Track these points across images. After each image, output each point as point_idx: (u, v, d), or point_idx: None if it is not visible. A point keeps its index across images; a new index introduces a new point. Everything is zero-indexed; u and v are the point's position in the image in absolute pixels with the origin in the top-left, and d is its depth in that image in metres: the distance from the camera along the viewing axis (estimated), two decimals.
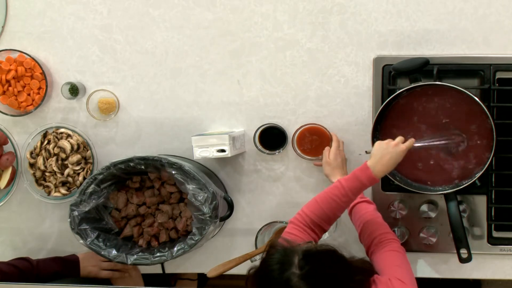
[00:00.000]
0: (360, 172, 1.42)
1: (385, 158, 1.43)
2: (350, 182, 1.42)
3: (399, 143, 1.45)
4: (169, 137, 1.77)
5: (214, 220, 1.54)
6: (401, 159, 1.45)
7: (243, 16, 1.71)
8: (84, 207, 1.59)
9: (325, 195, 1.43)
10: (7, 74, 1.74)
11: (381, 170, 1.42)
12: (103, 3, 1.75)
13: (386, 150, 1.44)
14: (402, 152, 1.45)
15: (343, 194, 1.41)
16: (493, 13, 1.61)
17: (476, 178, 1.55)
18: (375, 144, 1.47)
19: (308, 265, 1.19)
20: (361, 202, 1.55)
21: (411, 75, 1.55)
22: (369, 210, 1.53)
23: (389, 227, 1.48)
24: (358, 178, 1.42)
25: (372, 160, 1.43)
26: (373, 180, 1.42)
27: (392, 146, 1.44)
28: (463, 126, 1.56)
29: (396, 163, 1.44)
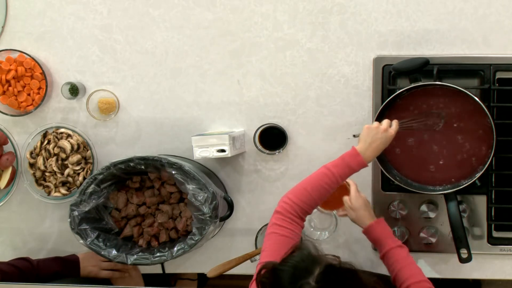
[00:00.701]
0: (350, 158, 1.41)
1: (375, 144, 1.43)
2: (340, 169, 1.41)
3: (388, 128, 1.45)
4: (169, 137, 1.77)
5: (214, 220, 1.54)
6: (389, 143, 1.46)
7: (243, 16, 1.71)
8: (84, 207, 1.59)
9: (315, 182, 1.40)
10: (7, 74, 1.74)
11: (371, 155, 1.43)
12: (103, 3, 1.75)
13: (376, 136, 1.43)
14: (392, 136, 1.45)
15: (333, 181, 1.40)
16: (493, 13, 1.61)
17: (476, 178, 1.55)
18: (364, 129, 1.46)
19: (325, 281, 1.12)
20: (394, 248, 1.46)
21: (411, 75, 1.55)
22: (402, 255, 1.46)
23: (423, 273, 1.44)
24: (348, 164, 1.41)
25: (362, 146, 1.43)
26: (363, 165, 1.42)
27: (381, 131, 1.44)
28: (463, 126, 1.56)
29: (384, 148, 1.45)
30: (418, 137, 1.59)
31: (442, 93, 1.56)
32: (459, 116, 1.56)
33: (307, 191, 1.39)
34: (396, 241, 1.47)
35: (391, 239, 1.47)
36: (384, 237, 1.47)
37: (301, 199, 1.38)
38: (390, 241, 1.46)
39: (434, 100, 1.57)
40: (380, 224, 1.49)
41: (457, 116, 1.56)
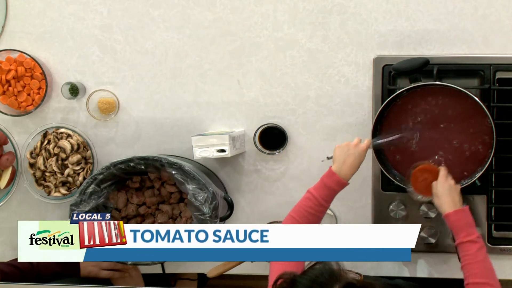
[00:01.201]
0: (327, 179, 1.43)
1: (349, 160, 1.44)
2: (320, 190, 1.43)
3: (358, 143, 1.47)
4: (169, 137, 1.77)
5: (214, 220, 1.54)
6: (364, 158, 1.47)
7: (243, 16, 1.71)
8: (84, 207, 1.59)
9: (300, 209, 1.43)
10: (7, 74, 1.74)
11: (347, 173, 1.44)
12: (103, 3, 1.75)
13: (348, 152, 1.45)
14: (363, 151, 1.47)
15: (317, 204, 1.42)
16: (493, 13, 1.61)
17: (476, 178, 1.55)
18: (335, 149, 1.48)
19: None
20: (464, 243, 1.42)
21: (411, 75, 1.55)
22: (471, 252, 1.41)
23: (487, 274, 1.39)
24: (327, 185, 1.43)
25: (336, 165, 1.45)
26: (342, 184, 1.43)
27: (352, 147, 1.46)
28: (463, 126, 1.56)
29: (361, 162, 1.46)
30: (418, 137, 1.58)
31: (442, 93, 1.56)
32: (459, 116, 1.56)
33: (295, 219, 1.43)
34: (468, 235, 1.41)
35: (464, 232, 1.41)
36: (457, 229, 1.42)
37: None
38: (462, 234, 1.41)
39: (434, 100, 1.57)
40: (457, 215, 1.44)
41: (457, 116, 1.56)
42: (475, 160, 1.56)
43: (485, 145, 1.55)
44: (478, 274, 1.37)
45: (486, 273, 1.38)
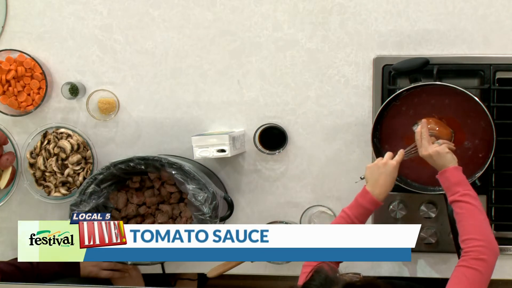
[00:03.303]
0: (362, 198, 1.43)
1: (381, 179, 1.44)
2: (355, 209, 1.43)
3: (388, 160, 1.46)
4: (169, 137, 1.77)
5: (214, 220, 1.54)
6: (396, 174, 1.45)
7: (243, 16, 1.71)
8: (84, 207, 1.59)
9: None
10: (7, 74, 1.74)
11: (381, 191, 1.43)
12: (103, 3, 1.75)
13: (378, 171, 1.45)
14: (394, 168, 1.45)
15: (349, 222, 1.42)
16: (493, 13, 1.61)
17: (476, 178, 1.55)
18: (366, 169, 1.47)
19: None
20: (455, 202, 1.39)
21: (411, 75, 1.55)
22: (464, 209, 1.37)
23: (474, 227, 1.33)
24: (361, 205, 1.43)
25: (369, 184, 1.45)
26: (376, 204, 1.43)
27: (382, 166, 1.45)
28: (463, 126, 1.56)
29: (394, 179, 1.45)
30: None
31: (442, 93, 1.56)
32: (459, 116, 1.56)
33: None
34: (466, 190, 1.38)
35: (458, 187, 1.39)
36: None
37: None
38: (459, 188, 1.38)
39: (434, 100, 1.57)
40: (448, 172, 1.41)
41: (457, 116, 1.56)
42: (475, 160, 1.56)
43: (485, 145, 1.55)
44: (466, 231, 1.33)
45: (474, 227, 1.33)
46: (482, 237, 1.31)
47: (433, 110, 1.57)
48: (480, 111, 1.50)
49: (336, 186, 1.71)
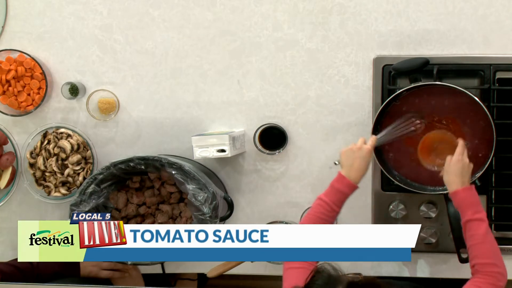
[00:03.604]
0: (338, 183, 1.44)
1: (356, 164, 1.45)
2: (332, 196, 1.43)
3: (362, 145, 1.47)
4: (169, 137, 1.77)
5: (214, 220, 1.54)
6: (370, 158, 1.47)
7: (243, 16, 1.71)
8: (84, 207, 1.59)
9: (312, 217, 1.43)
10: (7, 74, 1.74)
11: (357, 175, 1.44)
12: (103, 3, 1.75)
13: (353, 156, 1.46)
14: (369, 152, 1.47)
15: (329, 209, 1.42)
16: (493, 13, 1.61)
17: (476, 178, 1.55)
18: (341, 154, 1.48)
19: None
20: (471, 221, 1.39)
21: (411, 75, 1.55)
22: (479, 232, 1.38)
23: (494, 255, 1.36)
24: (339, 190, 1.43)
25: (345, 169, 1.45)
26: (353, 187, 1.44)
27: (356, 150, 1.46)
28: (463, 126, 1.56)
29: (368, 163, 1.47)
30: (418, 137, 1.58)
31: (442, 93, 1.56)
32: (459, 116, 1.56)
33: None
34: (476, 213, 1.38)
35: (471, 210, 1.39)
36: (465, 206, 1.40)
37: None
38: (469, 212, 1.39)
39: (434, 100, 1.57)
40: (465, 192, 1.41)
41: (457, 116, 1.56)
42: (475, 160, 1.56)
43: (485, 145, 1.55)
44: (484, 255, 1.34)
45: (490, 253, 1.35)
46: (501, 264, 1.34)
47: (433, 110, 1.57)
48: (480, 111, 1.50)
49: None
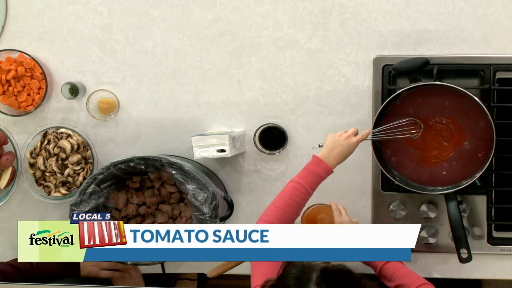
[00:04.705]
0: (315, 166, 1.43)
1: (336, 150, 1.45)
2: (308, 178, 1.42)
3: (351, 136, 1.47)
4: (169, 137, 1.77)
5: (214, 220, 1.54)
6: (353, 151, 1.47)
7: (243, 16, 1.71)
8: (84, 207, 1.59)
9: (286, 199, 1.42)
10: (7, 74, 1.74)
11: (334, 160, 1.45)
12: (103, 3, 1.75)
13: (338, 142, 1.46)
14: (354, 144, 1.47)
15: (304, 192, 1.42)
16: (493, 13, 1.61)
17: (476, 178, 1.55)
18: (328, 136, 1.49)
19: (325, 283, 1.15)
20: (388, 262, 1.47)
21: (411, 75, 1.55)
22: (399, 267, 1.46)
23: (422, 278, 1.43)
24: (315, 172, 1.43)
25: (324, 151, 1.45)
26: (329, 171, 1.44)
27: (344, 138, 1.46)
28: (462, 125, 1.56)
29: (348, 155, 1.47)
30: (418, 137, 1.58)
31: (442, 93, 1.56)
32: (459, 116, 1.56)
33: (280, 208, 1.41)
34: None
35: None
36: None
37: (277, 218, 1.40)
38: None
39: (434, 100, 1.57)
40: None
41: (457, 116, 1.56)
42: (475, 160, 1.57)
43: (485, 145, 1.55)
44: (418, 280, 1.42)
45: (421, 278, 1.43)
46: None
47: (433, 110, 1.57)
48: (480, 111, 1.50)
49: (336, 186, 1.71)
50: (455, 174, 1.58)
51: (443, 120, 1.57)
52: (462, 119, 1.56)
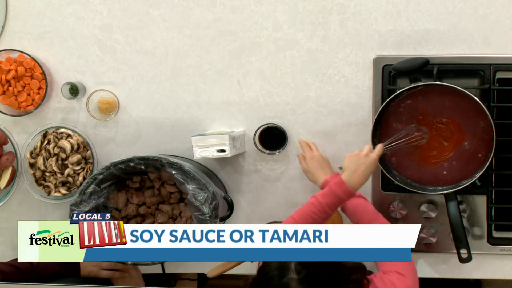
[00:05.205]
0: (336, 187, 1.43)
1: (360, 170, 1.43)
2: (327, 198, 1.43)
3: (369, 153, 1.46)
4: (169, 137, 1.77)
5: (214, 220, 1.54)
6: (375, 167, 1.47)
7: (243, 16, 1.71)
8: (84, 207, 1.59)
9: (303, 213, 1.43)
10: (7, 74, 1.74)
11: (357, 182, 1.43)
12: (103, 3, 1.75)
13: (358, 162, 1.44)
14: (374, 160, 1.46)
15: (321, 210, 1.42)
16: (493, 13, 1.61)
17: (476, 178, 1.55)
18: (345, 158, 1.47)
19: (304, 269, 1.21)
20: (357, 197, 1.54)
21: (411, 75, 1.55)
22: (369, 208, 1.53)
23: (386, 220, 1.50)
24: (335, 193, 1.42)
25: (346, 174, 1.44)
26: (350, 194, 1.43)
27: (362, 156, 1.45)
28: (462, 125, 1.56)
29: (371, 172, 1.46)
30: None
31: (442, 93, 1.56)
32: (459, 116, 1.56)
33: (295, 220, 1.43)
34: None
35: None
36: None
37: None
38: None
39: (434, 100, 1.57)
40: (334, 179, 1.51)
41: (457, 116, 1.56)
42: (475, 160, 1.56)
43: (485, 145, 1.55)
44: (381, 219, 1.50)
45: (384, 219, 1.51)
46: None
47: (433, 110, 1.57)
48: (480, 111, 1.50)
49: None
50: (455, 174, 1.58)
51: (443, 120, 1.57)
52: (462, 119, 1.56)
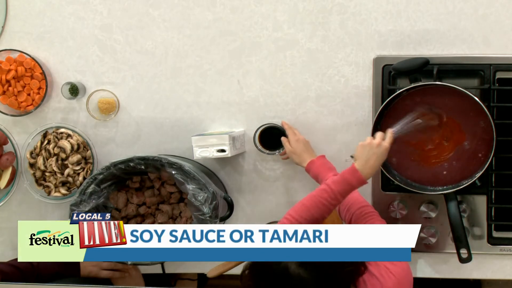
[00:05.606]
0: (350, 175, 1.42)
1: (372, 159, 1.43)
2: (340, 186, 1.42)
3: (381, 142, 1.45)
4: (169, 137, 1.77)
5: (214, 220, 1.54)
6: (386, 156, 1.46)
7: (243, 16, 1.71)
8: (84, 207, 1.59)
9: (314, 199, 1.43)
10: (7, 74, 1.74)
11: (370, 171, 1.43)
12: (103, 3, 1.75)
13: (371, 151, 1.43)
14: (386, 149, 1.45)
15: (332, 197, 1.42)
16: (493, 13, 1.61)
17: (476, 178, 1.55)
18: (358, 147, 1.46)
19: None
20: None
21: (411, 75, 1.55)
22: None
23: (365, 200, 1.52)
24: (348, 181, 1.42)
25: (359, 163, 1.43)
26: (362, 182, 1.43)
27: (375, 146, 1.44)
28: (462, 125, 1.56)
29: (383, 161, 1.45)
30: (418, 137, 1.58)
31: (442, 93, 1.56)
32: (459, 116, 1.56)
33: (305, 206, 1.42)
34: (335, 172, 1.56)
35: (331, 172, 1.57)
36: (323, 170, 1.57)
37: (301, 215, 1.41)
38: (331, 173, 1.55)
39: (434, 100, 1.57)
40: (319, 160, 1.60)
41: (457, 116, 1.56)
42: (475, 160, 1.56)
43: (485, 145, 1.55)
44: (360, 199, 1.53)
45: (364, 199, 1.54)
46: None
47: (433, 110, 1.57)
48: (480, 111, 1.50)
49: None
50: (455, 174, 1.58)
51: (443, 119, 1.57)
52: (462, 119, 1.56)
